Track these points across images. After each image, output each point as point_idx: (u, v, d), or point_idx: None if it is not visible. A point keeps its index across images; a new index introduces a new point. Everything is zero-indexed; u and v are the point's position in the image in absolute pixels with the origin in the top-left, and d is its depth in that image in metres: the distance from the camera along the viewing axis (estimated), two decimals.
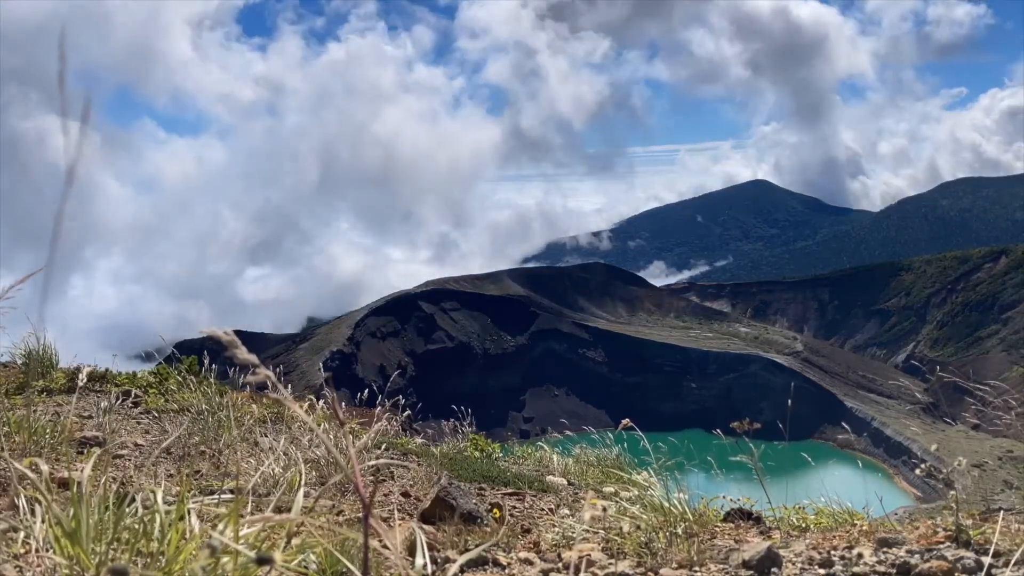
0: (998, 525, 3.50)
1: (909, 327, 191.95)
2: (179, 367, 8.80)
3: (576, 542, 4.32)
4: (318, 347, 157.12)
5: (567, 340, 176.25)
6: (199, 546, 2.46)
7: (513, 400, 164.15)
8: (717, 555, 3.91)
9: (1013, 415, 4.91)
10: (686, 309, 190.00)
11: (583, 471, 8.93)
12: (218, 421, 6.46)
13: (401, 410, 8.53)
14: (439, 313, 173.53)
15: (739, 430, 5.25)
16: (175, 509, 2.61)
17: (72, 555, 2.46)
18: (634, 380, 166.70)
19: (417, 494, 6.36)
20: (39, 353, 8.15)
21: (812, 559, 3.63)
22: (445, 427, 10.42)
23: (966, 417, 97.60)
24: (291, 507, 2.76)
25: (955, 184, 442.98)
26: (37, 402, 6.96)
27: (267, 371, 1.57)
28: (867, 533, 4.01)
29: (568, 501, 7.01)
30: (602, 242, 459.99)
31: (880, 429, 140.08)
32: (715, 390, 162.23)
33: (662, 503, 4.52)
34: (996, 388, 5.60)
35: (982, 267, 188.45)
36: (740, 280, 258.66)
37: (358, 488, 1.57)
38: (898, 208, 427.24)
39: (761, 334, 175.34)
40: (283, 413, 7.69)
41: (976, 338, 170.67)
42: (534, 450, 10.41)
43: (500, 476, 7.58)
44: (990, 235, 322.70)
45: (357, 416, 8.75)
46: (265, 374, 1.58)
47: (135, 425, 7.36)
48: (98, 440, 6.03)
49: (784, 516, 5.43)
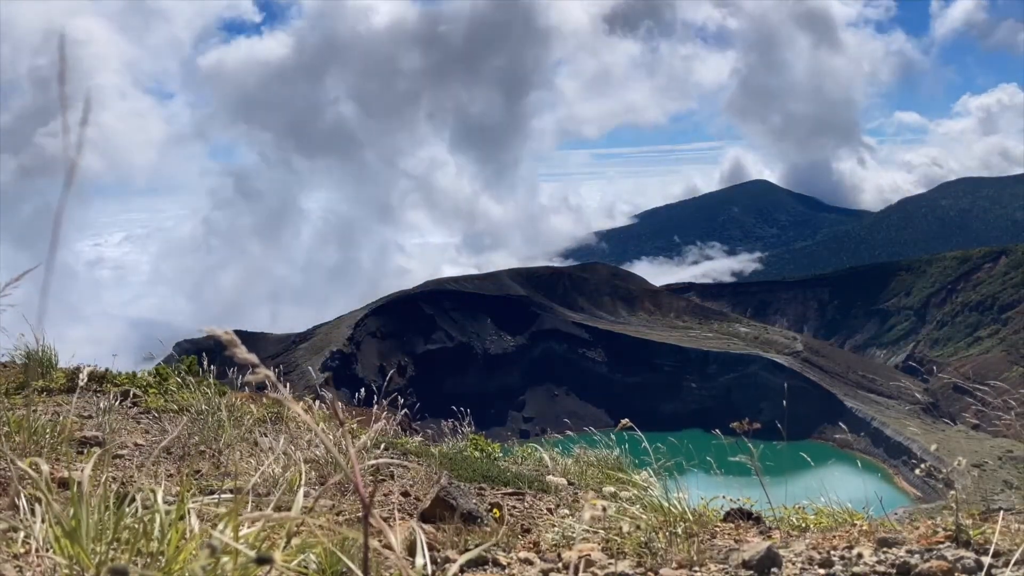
0: (998, 525, 3.50)
1: (909, 327, 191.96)
2: (178, 367, 8.81)
3: (576, 542, 4.32)
4: (318, 347, 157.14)
5: (567, 340, 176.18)
6: (199, 546, 2.46)
7: (513, 400, 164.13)
8: (717, 555, 3.91)
9: (1013, 415, 4.91)
10: (686, 309, 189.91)
11: (583, 471, 8.93)
12: (218, 421, 6.46)
13: (400, 409, 8.53)
14: (439, 313, 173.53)
15: (739, 430, 5.25)
16: (175, 509, 2.61)
17: (72, 555, 2.45)
18: (634, 380, 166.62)
19: (417, 494, 6.36)
20: (38, 353, 8.15)
21: (812, 559, 3.63)
22: (445, 427, 10.42)
23: (966, 417, 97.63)
24: (291, 507, 2.76)
25: (955, 184, 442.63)
26: (37, 402, 6.96)
27: (267, 371, 1.57)
28: (867, 533, 4.01)
29: (568, 501, 7.01)
30: (600, 243, 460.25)
31: (880, 429, 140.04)
32: (715, 390, 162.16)
33: (662, 503, 4.52)
34: (996, 388, 5.61)
35: (982, 267, 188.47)
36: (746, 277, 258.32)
37: (358, 488, 1.57)
38: (898, 208, 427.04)
39: (761, 334, 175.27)
40: (283, 413, 7.69)
41: (976, 338, 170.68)
42: (533, 451, 10.41)
43: (500, 476, 7.58)
44: (990, 235, 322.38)
45: (356, 416, 8.75)
46: (265, 374, 1.58)
47: (135, 425, 7.37)
48: (98, 440, 6.04)
49: (784, 516, 5.43)
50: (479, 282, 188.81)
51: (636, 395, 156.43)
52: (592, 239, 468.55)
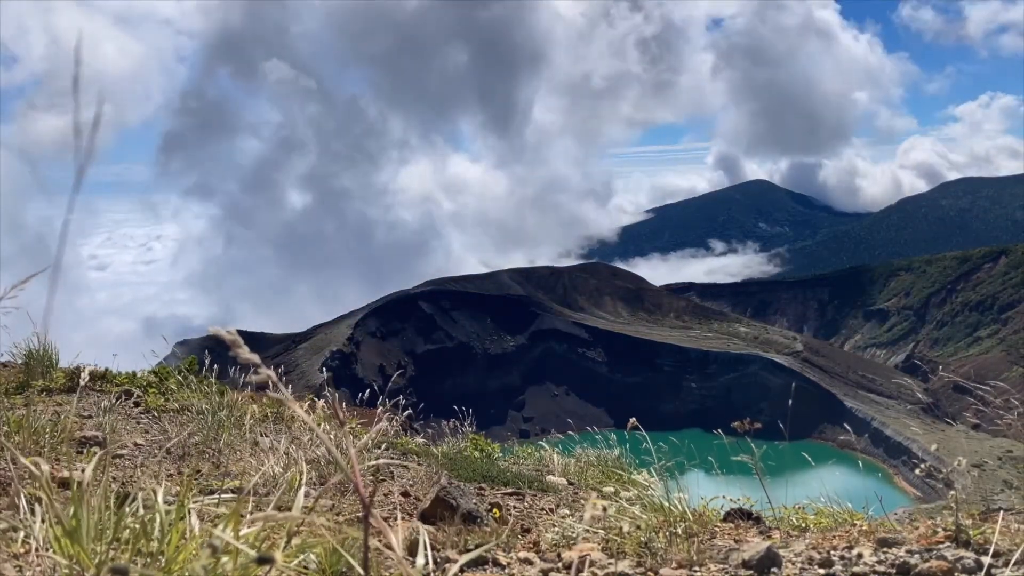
0: (998, 525, 3.50)
1: (909, 327, 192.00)
2: (179, 366, 8.81)
3: (576, 542, 4.32)
4: (318, 347, 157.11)
5: (567, 340, 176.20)
6: (200, 545, 2.46)
7: (513, 400, 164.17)
8: (717, 555, 3.91)
9: (1016, 415, 4.91)
10: (686, 309, 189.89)
11: (583, 471, 8.93)
12: (218, 421, 6.46)
13: (402, 410, 8.53)
14: (439, 313, 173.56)
15: (739, 430, 5.25)
16: (175, 509, 2.61)
17: (72, 554, 2.46)
18: (634, 380, 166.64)
19: (417, 494, 6.36)
20: (39, 352, 8.15)
21: (812, 559, 3.63)
22: (445, 427, 10.42)
23: (967, 417, 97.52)
24: (291, 507, 2.76)
25: (955, 184, 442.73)
26: (37, 401, 6.96)
27: (268, 371, 1.58)
28: (867, 533, 4.01)
29: (568, 501, 7.01)
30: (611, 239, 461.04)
31: (880, 429, 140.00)
32: (715, 390, 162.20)
33: (662, 503, 4.52)
34: (997, 388, 5.60)
35: (982, 267, 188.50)
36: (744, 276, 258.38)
37: (358, 488, 1.57)
38: (898, 208, 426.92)
39: (761, 334, 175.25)
40: (283, 413, 7.70)
41: (976, 338, 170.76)
42: (534, 450, 10.41)
43: (500, 476, 7.58)
44: (990, 235, 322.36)
45: (357, 416, 8.75)
46: (267, 374, 1.58)
47: (135, 425, 7.37)
48: (98, 440, 6.04)
49: (784, 516, 5.43)
50: (479, 282, 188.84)
51: (636, 395, 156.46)
52: (611, 236, 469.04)
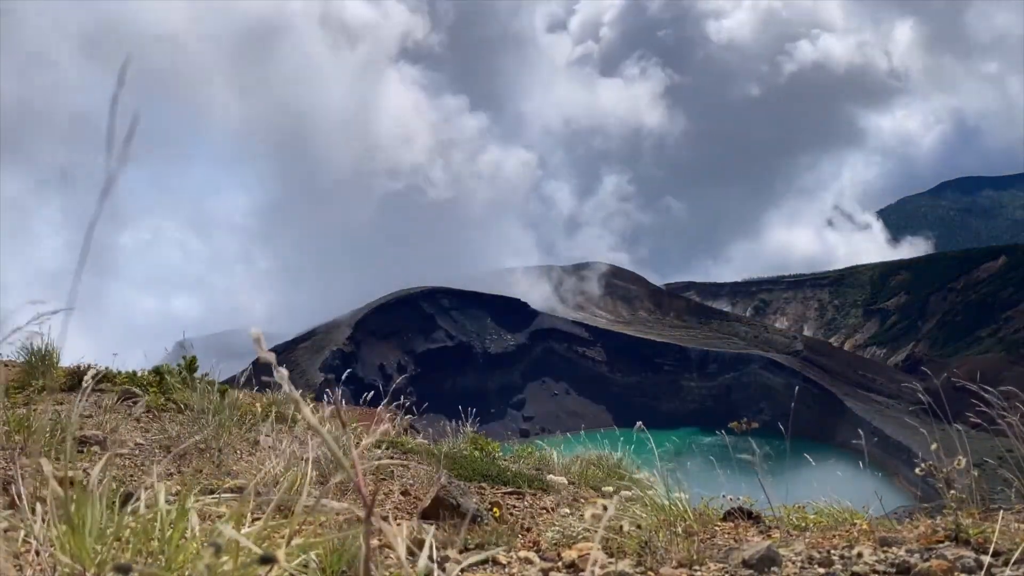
0: (998, 525, 3.50)
1: (909, 327, 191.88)
2: (179, 366, 8.81)
3: (576, 541, 4.32)
4: (318, 346, 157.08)
5: (567, 339, 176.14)
6: (201, 545, 2.47)
7: (513, 399, 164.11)
8: (717, 554, 3.92)
9: (1018, 416, 4.90)
10: (686, 309, 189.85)
11: (584, 470, 8.94)
12: (219, 421, 6.46)
13: (404, 411, 8.53)
14: (439, 313, 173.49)
15: (737, 430, 5.26)
16: (176, 508, 2.61)
17: (74, 553, 2.46)
18: (634, 379, 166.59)
19: (417, 493, 6.36)
20: (41, 352, 8.15)
21: (811, 558, 3.63)
22: (446, 426, 10.43)
23: (968, 417, 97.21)
24: (292, 507, 2.77)
25: (955, 184, 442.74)
26: (38, 401, 6.96)
27: (282, 370, 1.59)
28: (867, 532, 4.01)
29: (568, 500, 7.01)
30: None
31: (880, 428, 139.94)
32: (715, 389, 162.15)
33: (662, 502, 4.53)
34: (1005, 392, 5.59)
35: (982, 267, 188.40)
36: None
37: (359, 488, 1.57)
38: (898, 208, 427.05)
39: (761, 334, 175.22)
40: (284, 412, 7.70)
41: (976, 338, 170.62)
42: (534, 450, 10.42)
43: (500, 475, 7.58)
44: (990, 235, 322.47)
45: (359, 416, 8.75)
46: (283, 374, 1.60)
47: (135, 424, 7.37)
48: (98, 439, 6.04)
49: (784, 515, 5.43)
50: None
51: (636, 394, 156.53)
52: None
